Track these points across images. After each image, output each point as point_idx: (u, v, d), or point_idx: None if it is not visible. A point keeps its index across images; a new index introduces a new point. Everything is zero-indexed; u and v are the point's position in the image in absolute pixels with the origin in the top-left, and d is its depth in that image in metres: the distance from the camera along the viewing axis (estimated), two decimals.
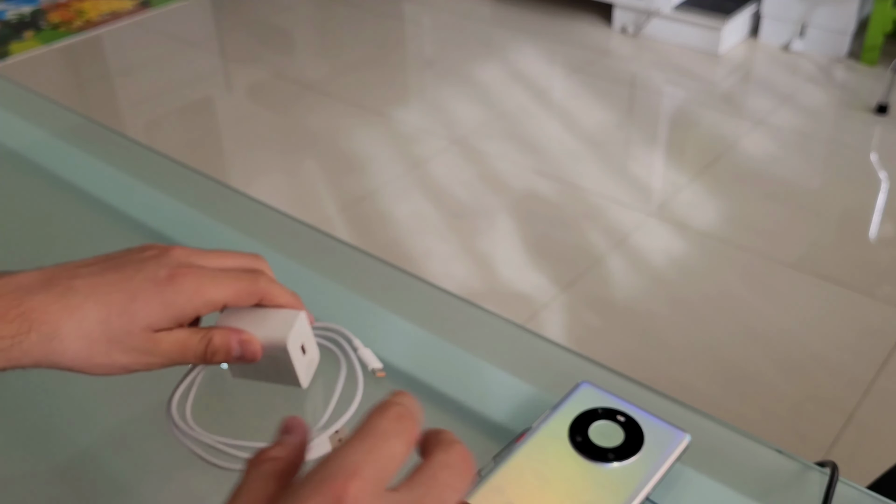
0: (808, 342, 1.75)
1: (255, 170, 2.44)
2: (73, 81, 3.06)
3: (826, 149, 2.48)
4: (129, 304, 0.47)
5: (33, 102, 1.06)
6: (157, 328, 0.48)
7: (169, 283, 0.48)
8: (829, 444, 1.52)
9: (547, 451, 0.51)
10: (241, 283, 0.51)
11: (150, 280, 0.48)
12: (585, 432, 0.52)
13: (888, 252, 2.03)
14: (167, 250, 0.50)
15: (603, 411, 0.54)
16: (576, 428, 0.53)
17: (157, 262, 0.49)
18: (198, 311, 0.49)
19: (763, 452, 0.56)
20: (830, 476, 0.53)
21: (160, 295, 0.47)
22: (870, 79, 2.76)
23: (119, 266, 0.48)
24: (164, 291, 0.47)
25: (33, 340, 0.44)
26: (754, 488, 0.54)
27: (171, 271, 0.48)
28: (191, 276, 0.49)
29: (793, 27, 2.94)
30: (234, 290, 0.50)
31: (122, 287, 0.47)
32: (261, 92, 2.89)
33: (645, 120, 2.67)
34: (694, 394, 1.63)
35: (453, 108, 2.71)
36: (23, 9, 3.45)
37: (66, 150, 0.96)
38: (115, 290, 0.47)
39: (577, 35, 3.18)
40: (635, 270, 1.97)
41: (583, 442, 0.51)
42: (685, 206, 2.19)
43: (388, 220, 2.18)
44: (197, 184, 0.89)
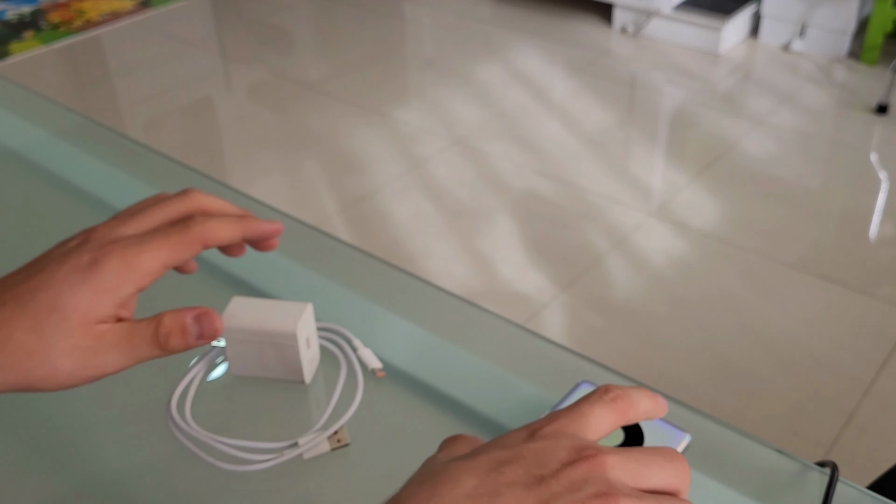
0: (809, 342, 1.75)
1: (255, 170, 2.44)
2: (73, 81, 3.06)
3: (826, 149, 2.48)
4: (57, 301, 0.42)
5: (33, 102, 1.06)
6: (98, 320, 0.43)
7: (93, 266, 0.43)
8: (829, 444, 1.52)
9: None
10: (173, 238, 0.45)
11: (74, 269, 0.43)
12: None
13: (888, 252, 2.03)
14: (90, 232, 0.46)
15: None
16: None
17: (80, 248, 0.45)
18: (137, 287, 0.44)
19: (763, 452, 0.56)
20: (830, 476, 0.53)
21: (87, 282, 0.43)
22: (870, 79, 2.76)
23: (43, 266, 0.44)
24: (91, 277, 0.43)
25: None
26: (754, 488, 0.54)
27: (94, 254, 0.44)
28: (115, 251, 0.44)
29: (793, 27, 2.94)
30: (168, 249, 0.45)
31: (47, 285, 0.43)
32: (261, 92, 2.89)
33: (645, 120, 2.67)
34: (694, 394, 1.63)
35: (453, 107, 2.71)
36: (23, 9, 3.45)
37: (66, 149, 0.96)
38: (40, 291, 0.43)
39: (577, 35, 3.18)
40: (635, 270, 1.97)
41: None
42: (685, 206, 2.19)
43: (388, 220, 2.18)
44: (197, 184, 0.89)
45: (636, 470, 0.33)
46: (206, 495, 0.54)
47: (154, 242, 0.45)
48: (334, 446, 0.55)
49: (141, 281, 0.44)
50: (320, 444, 0.55)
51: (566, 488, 0.32)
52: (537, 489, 0.32)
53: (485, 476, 0.32)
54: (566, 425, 0.35)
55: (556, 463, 0.33)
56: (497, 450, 0.34)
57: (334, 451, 0.55)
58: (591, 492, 0.32)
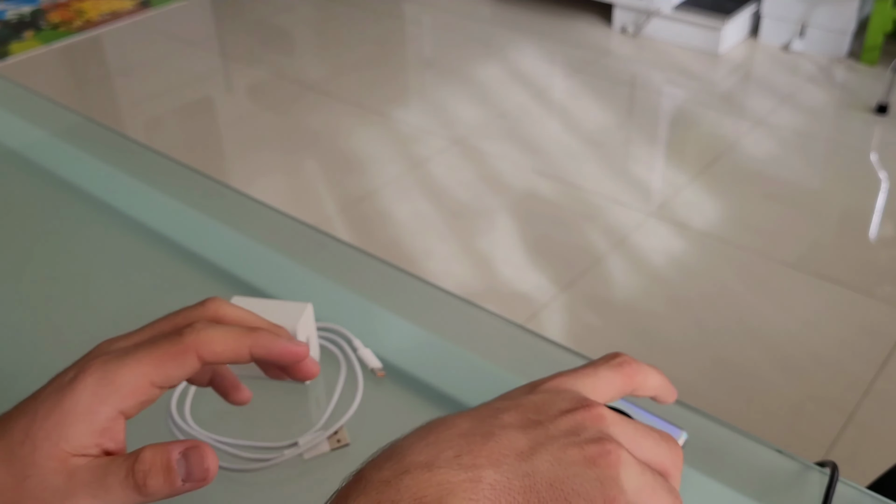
0: (808, 342, 1.75)
1: (255, 169, 2.44)
2: (72, 81, 3.06)
3: (826, 149, 2.48)
4: (30, 429, 0.35)
5: (33, 102, 1.06)
6: (74, 452, 0.35)
7: (70, 385, 0.35)
8: (829, 444, 1.52)
9: None
10: (160, 350, 0.37)
11: (54, 390, 0.36)
12: None
13: (888, 252, 2.03)
14: (98, 345, 0.40)
15: None
16: None
17: (75, 363, 0.38)
18: (117, 409, 0.36)
19: (763, 452, 0.56)
20: (830, 476, 0.53)
21: (59, 405, 0.35)
22: (870, 79, 2.76)
23: (43, 388, 0.37)
24: (64, 399, 0.35)
25: None
26: (754, 488, 0.54)
27: (77, 370, 0.36)
28: (95, 366, 0.36)
29: (793, 27, 2.94)
30: (152, 362, 0.36)
31: (26, 409, 0.36)
32: (261, 92, 2.89)
33: (645, 120, 2.67)
34: (694, 393, 1.63)
35: (453, 107, 2.71)
36: (23, 9, 3.45)
37: (65, 149, 0.96)
38: (20, 416, 0.36)
39: (577, 35, 3.18)
40: (635, 270, 1.97)
41: None
42: (685, 206, 2.19)
43: (388, 220, 2.18)
44: (197, 183, 0.89)
45: (633, 436, 0.33)
46: (206, 495, 0.54)
47: (136, 355, 0.37)
48: (334, 446, 0.55)
49: (121, 402, 0.36)
50: (320, 444, 0.55)
51: (563, 432, 0.31)
52: (533, 431, 0.31)
53: (481, 420, 0.32)
54: (570, 382, 0.35)
55: (555, 410, 0.32)
56: (497, 401, 0.34)
57: (334, 451, 0.56)
58: (587, 437, 0.31)
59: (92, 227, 0.82)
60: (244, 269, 0.75)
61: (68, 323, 0.72)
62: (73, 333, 0.71)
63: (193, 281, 0.75)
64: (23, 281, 0.76)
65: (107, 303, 0.73)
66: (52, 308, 0.73)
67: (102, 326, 0.71)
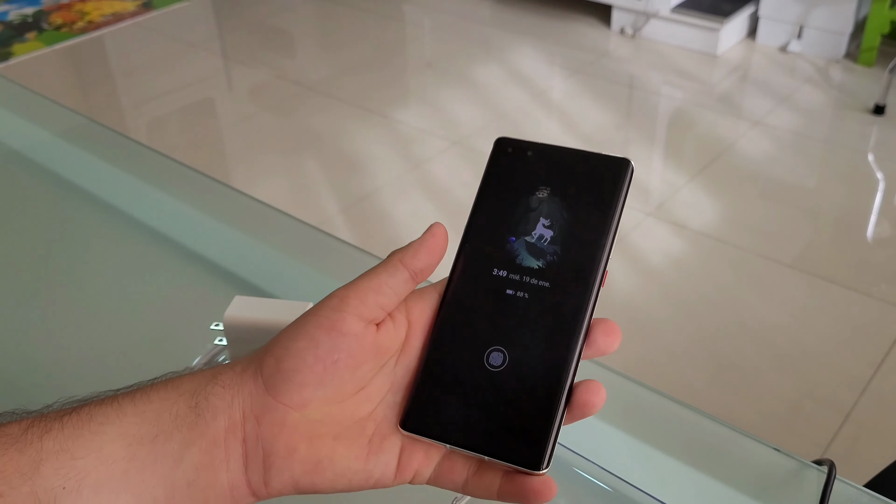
0: (806, 341, 1.76)
1: (256, 170, 2.44)
2: (75, 82, 3.07)
3: (823, 149, 2.48)
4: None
5: (36, 103, 1.06)
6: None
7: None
8: (826, 443, 1.53)
9: None
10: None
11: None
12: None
13: (885, 251, 2.04)
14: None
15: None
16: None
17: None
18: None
19: (761, 451, 0.57)
20: (828, 474, 0.53)
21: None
22: (867, 80, 2.77)
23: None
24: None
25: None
26: (753, 486, 0.55)
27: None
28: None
29: (790, 28, 2.94)
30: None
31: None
32: (262, 93, 2.89)
33: (643, 121, 2.68)
34: (692, 392, 1.64)
35: (453, 108, 2.72)
36: (25, 10, 3.46)
37: (68, 150, 0.96)
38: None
39: (575, 36, 3.18)
40: (633, 270, 1.98)
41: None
42: (683, 206, 2.19)
43: (389, 220, 2.18)
44: (198, 184, 0.90)
45: None
46: None
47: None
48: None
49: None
50: None
51: None
52: None
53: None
54: None
55: None
56: None
57: None
58: None
59: (94, 228, 0.83)
60: (245, 269, 0.76)
61: (70, 323, 0.72)
62: (74, 333, 0.71)
63: (195, 280, 0.76)
64: (24, 280, 0.77)
65: (108, 302, 0.73)
66: (54, 308, 0.74)
67: (104, 326, 0.71)
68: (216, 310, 0.61)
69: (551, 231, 0.39)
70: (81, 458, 0.34)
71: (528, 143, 0.40)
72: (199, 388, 0.37)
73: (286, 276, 0.75)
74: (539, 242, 0.39)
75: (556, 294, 0.38)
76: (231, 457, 0.36)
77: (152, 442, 0.35)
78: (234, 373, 0.37)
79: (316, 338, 0.36)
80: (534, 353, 0.37)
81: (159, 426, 0.35)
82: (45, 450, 0.34)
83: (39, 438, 0.34)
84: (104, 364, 0.67)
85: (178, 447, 0.35)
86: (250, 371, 0.37)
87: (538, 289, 0.38)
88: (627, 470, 0.55)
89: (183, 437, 0.35)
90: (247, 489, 0.37)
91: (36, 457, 0.34)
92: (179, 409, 0.36)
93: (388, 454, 0.37)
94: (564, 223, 0.38)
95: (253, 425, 0.36)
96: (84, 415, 0.35)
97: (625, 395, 0.60)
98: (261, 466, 0.36)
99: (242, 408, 0.36)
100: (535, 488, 0.36)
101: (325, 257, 0.78)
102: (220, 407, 0.36)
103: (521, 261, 0.39)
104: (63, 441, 0.34)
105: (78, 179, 0.90)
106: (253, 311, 0.58)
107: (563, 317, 0.37)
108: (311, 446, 0.36)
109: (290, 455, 0.36)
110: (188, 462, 0.35)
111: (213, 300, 0.68)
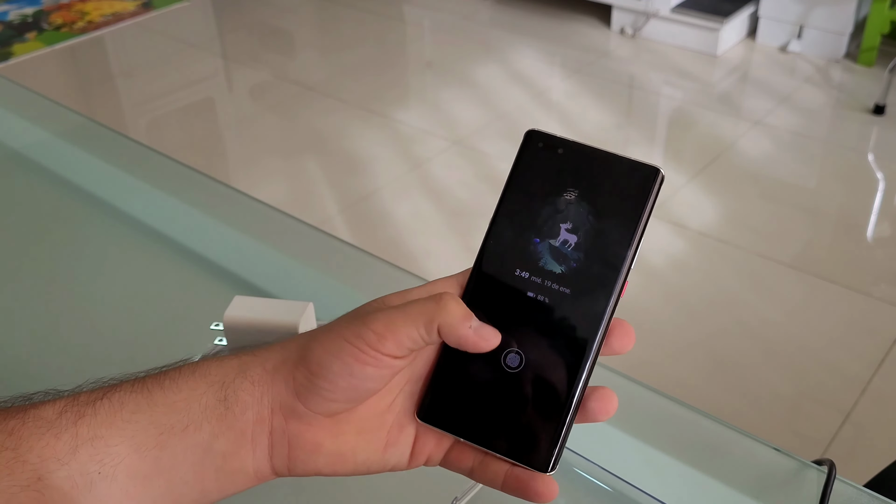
0: (806, 341, 1.76)
1: (257, 170, 2.44)
2: (75, 82, 3.07)
3: (823, 149, 2.48)
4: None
5: (36, 103, 1.06)
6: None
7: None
8: (826, 443, 1.53)
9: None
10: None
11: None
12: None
13: (885, 251, 2.04)
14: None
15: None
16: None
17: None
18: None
19: (761, 451, 0.57)
20: (828, 474, 0.53)
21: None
22: (867, 79, 2.77)
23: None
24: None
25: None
26: (752, 486, 0.55)
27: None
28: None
29: (790, 28, 2.95)
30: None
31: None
32: (262, 93, 2.89)
33: (643, 120, 2.68)
34: (691, 392, 1.64)
35: (453, 108, 2.72)
36: (25, 10, 3.46)
37: (68, 150, 0.97)
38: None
39: (576, 36, 3.18)
40: (633, 269, 1.98)
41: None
42: (683, 206, 2.19)
43: (389, 220, 2.18)
44: (198, 184, 0.90)
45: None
46: None
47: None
48: None
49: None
50: None
51: None
52: None
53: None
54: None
55: None
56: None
57: None
58: None
59: (94, 228, 0.83)
60: (245, 269, 0.76)
61: (70, 323, 0.72)
62: (74, 333, 0.71)
63: (195, 280, 0.76)
64: (24, 280, 0.77)
65: (108, 302, 0.73)
66: (53, 308, 0.74)
67: (104, 326, 0.71)
68: (216, 310, 0.61)
69: (576, 237, 0.39)
70: (115, 445, 0.36)
71: (560, 140, 0.40)
72: (227, 379, 0.38)
73: (286, 276, 0.75)
74: (563, 247, 0.39)
75: (576, 301, 0.38)
76: (258, 446, 0.38)
77: (183, 431, 0.37)
78: (263, 370, 0.38)
79: (350, 366, 0.36)
80: (550, 357, 0.38)
81: (189, 416, 0.37)
82: (81, 435, 0.36)
83: (74, 424, 0.36)
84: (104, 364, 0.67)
85: (208, 437, 0.37)
86: (281, 375, 0.38)
87: (559, 294, 0.38)
88: (627, 470, 0.55)
89: (212, 428, 0.37)
90: (271, 473, 0.39)
91: (72, 442, 0.35)
92: (208, 400, 0.37)
93: (403, 444, 0.39)
94: (590, 229, 0.39)
95: (280, 421, 0.38)
96: (116, 402, 0.37)
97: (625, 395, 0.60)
98: (286, 457, 0.38)
99: (271, 405, 0.38)
100: (538, 489, 0.37)
101: (325, 257, 0.78)
102: (248, 402, 0.37)
103: (545, 264, 0.39)
104: (97, 427, 0.36)
105: (78, 179, 0.90)
106: (253, 311, 0.58)
107: (581, 324, 0.38)
108: (336, 442, 0.38)
109: (315, 450, 0.38)
110: (217, 450, 0.37)
111: (213, 300, 0.68)
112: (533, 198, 0.40)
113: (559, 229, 0.39)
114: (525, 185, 0.40)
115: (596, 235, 0.38)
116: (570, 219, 0.39)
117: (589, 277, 0.38)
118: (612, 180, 0.39)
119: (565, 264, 0.39)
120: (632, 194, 0.39)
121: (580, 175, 0.39)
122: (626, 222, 0.38)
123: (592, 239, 0.39)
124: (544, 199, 0.39)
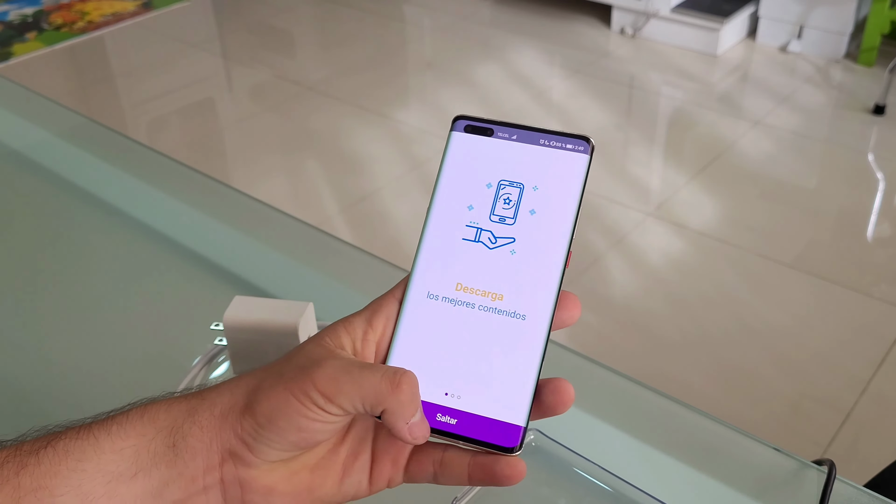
0: (806, 341, 1.76)
1: (257, 170, 2.44)
2: (75, 82, 3.07)
3: (823, 149, 2.48)
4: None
5: (36, 103, 1.06)
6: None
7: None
8: (826, 443, 1.53)
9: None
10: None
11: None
12: None
13: (885, 251, 2.04)
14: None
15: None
16: None
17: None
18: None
19: (761, 451, 0.57)
20: (828, 474, 0.53)
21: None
22: (867, 80, 2.77)
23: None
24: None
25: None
26: (753, 486, 0.55)
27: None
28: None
29: (790, 28, 2.94)
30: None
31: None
32: (262, 93, 2.89)
33: (643, 120, 2.68)
34: (692, 392, 1.64)
35: (453, 108, 2.72)
36: (25, 10, 3.46)
37: (68, 150, 0.97)
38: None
39: (576, 36, 3.18)
40: (633, 269, 1.98)
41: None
42: (683, 206, 2.19)
43: (389, 220, 2.18)
44: (198, 184, 0.90)
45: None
46: None
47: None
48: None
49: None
50: None
51: None
52: None
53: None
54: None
55: None
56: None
57: None
58: None
59: (94, 228, 0.83)
60: (246, 269, 0.76)
61: (69, 323, 0.72)
62: (73, 333, 0.71)
63: (195, 280, 0.76)
64: (24, 280, 0.77)
65: (108, 302, 0.73)
66: (53, 308, 0.74)
67: (104, 326, 0.71)
68: (216, 310, 0.62)
69: (513, 217, 0.39)
70: (61, 495, 0.34)
71: (488, 122, 0.40)
72: (175, 425, 0.37)
73: (286, 276, 0.75)
74: (503, 227, 0.39)
75: (522, 279, 0.38)
76: (210, 494, 0.37)
77: (132, 479, 0.35)
78: (211, 415, 0.37)
79: (297, 422, 0.35)
80: (503, 338, 0.38)
81: (138, 464, 0.36)
82: (23, 487, 0.34)
83: (16, 475, 0.34)
84: (104, 364, 0.67)
85: (158, 484, 0.36)
86: (229, 422, 0.37)
87: (504, 277, 0.38)
88: (627, 470, 0.55)
89: (162, 475, 0.36)
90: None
91: (13, 494, 0.34)
92: (157, 446, 0.36)
93: (360, 471, 0.38)
94: (528, 208, 0.39)
95: (230, 468, 0.36)
96: (60, 450, 0.35)
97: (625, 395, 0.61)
98: (240, 501, 0.37)
99: (220, 453, 0.36)
100: (504, 471, 0.37)
101: (325, 257, 0.78)
102: (198, 448, 0.36)
103: (487, 244, 0.39)
104: (40, 478, 0.34)
105: (78, 179, 0.90)
106: (253, 311, 0.58)
107: (531, 303, 0.38)
108: (290, 483, 0.37)
109: (269, 492, 0.37)
110: (167, 498, 0.36)
111: (213, 300, 0.68)
112: (467, 181, 0.40)
113: (498, 210, 0.39)
114: (458, 170, 0.40)
115: (535, 214, 0.39)
116: (508, 198, 0.39)
117: (535, 253, 0.38)
118: (545, 155, 0.39)
119: (508, 244, 0.39)
120: (566, 167, 0.39)
121: (513, 154, 0.40)
122: (564, 197, 0.39)
123: (532, 217, 0.39)
124: (479, 180, 0.39)
